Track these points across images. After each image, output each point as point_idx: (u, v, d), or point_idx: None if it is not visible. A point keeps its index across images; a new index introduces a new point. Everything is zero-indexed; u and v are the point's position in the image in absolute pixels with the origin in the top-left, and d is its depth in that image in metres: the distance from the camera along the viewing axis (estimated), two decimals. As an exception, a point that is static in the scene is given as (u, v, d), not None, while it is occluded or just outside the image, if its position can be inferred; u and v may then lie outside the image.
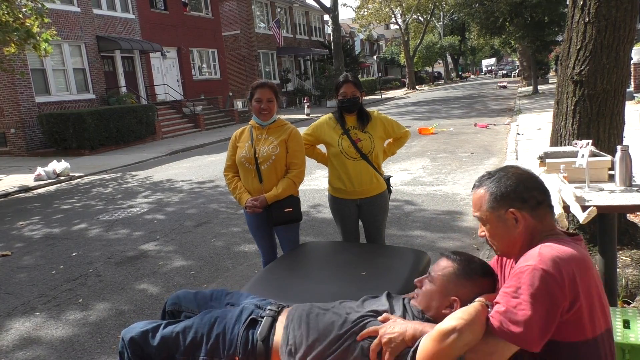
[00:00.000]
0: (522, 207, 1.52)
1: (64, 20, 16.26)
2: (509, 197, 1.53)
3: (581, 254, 1.45)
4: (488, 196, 1.57)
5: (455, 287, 1.70)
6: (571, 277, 1.38)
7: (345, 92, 3.08)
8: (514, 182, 1.54)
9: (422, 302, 1.77)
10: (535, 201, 1.53)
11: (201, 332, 1.85)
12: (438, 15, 49.48)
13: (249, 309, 1.93)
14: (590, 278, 1.44)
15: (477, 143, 10.66)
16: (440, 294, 1.71)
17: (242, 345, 1.80)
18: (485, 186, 1.60)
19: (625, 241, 3.58)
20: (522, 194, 1.52)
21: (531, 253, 1.45)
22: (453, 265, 1.74)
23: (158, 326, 1.92)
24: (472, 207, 1.66)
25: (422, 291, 1.78)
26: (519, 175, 1.56)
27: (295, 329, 1.78)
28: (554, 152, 2.91)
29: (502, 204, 1.54)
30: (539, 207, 1.53)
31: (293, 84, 32.50)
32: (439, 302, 1.71)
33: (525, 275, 1.40)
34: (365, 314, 1.77)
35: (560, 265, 1.39)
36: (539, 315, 1.37)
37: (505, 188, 1.54)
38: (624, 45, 3.27)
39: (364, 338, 1.67)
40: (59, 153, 14.39)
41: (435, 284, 1.74)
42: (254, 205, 2.98)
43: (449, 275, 1.73)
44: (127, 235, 5.99)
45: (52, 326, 3.68)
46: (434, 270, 1.78)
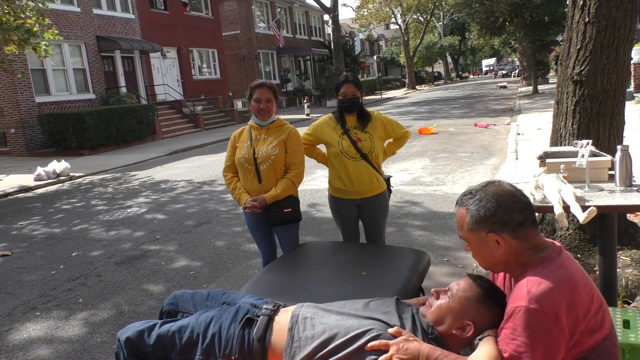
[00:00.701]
0: (502, 230, 1.50)
1: (64, 20, 16.26)
2: (488, 220, 1.51)
3: (567, 274, 1.45)
4: (468, 218, 1.55)
5: (473, 312, 1.67)
6: (564, 307, 1.39)
7: (346, 92, 3.08)
8: (493, 205, 1.50)
9: (434, 315, 1.74)
10: (515, 223, 1.50)
11: (197, 331, 1.85)
12: (438, 15, 49.47)
13: (245, 308, 1.92)
14: (581, 295, 1.44)
15: (477, 143, 10.66)
16: (457, 314, 1.68)
17: (238, 345, 1.80)
18: (465, 206, 1.57)
19: (625, 241, 3.58)
20: (502, 217, 1.49)
21: (520, 291, 1.45)
22: (478, 290, 1.70)
23: (154, 325, 1.92)
24: (457, 224, 1.64)
25: (438, 305, 1.74)
26: (499, 197, 1.51)
27: (300, 331, 1.77)
28: (554, 152, 2.91)
29: (482, 227, 1.52)
30: (520, 228, 1.50)
31: (293, 84, 32.50)
32: (452, 321, 1.68)
33: (518, 317, 1.41)
34: (375, 321, 1.73)
35: (551, 299, 1.39)
36: (540, 355, 1.38)
37: (485, 211, 1.51)
38: (624, 45, 3.27)
39: (373, 349, 1.64)
40: (59, 153, 14.39)
41: (454, 303, 1.70)
42: (253, 206, 2.98)
43: (471, 298, 1.69)
44: (127, 235, 5.99)
45: (52, 326, 3.68)
46: (456, 288, 1.73)
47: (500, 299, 1.70)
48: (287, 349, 1.75)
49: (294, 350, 1.74)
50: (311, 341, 1.73)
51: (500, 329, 1.49)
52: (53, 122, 14.69)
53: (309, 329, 1.76)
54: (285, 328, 1.81)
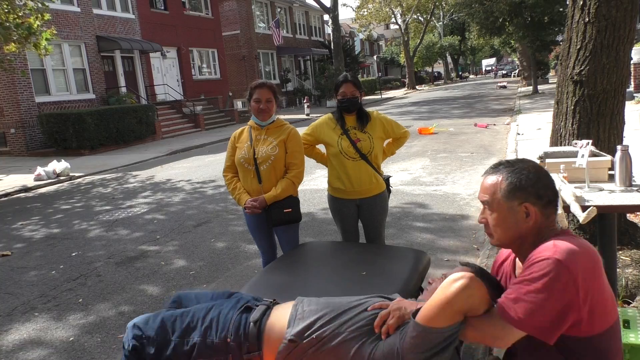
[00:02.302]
0: (536, 202, 1.52)
1: (64, 20, 16.26)
2: (527, 190, 1.52)
3: (593, 250, 1.46)
4: (506, 185, 1.55)
5: None
6: (586, 270, 1.39)
7: (345, 91, 3.08)
8: (534, 176, 1.53)
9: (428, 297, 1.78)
10: (547, 199, 1.53)
11: (197, 316, 1.91)
12: (438, 15, 49.47)
13: (246, 298, 2.00)
14: (602, 273, 1.45)
15: (477, 143, 10.66)
16: None
17: (234, 328, 1.84)
18: (502, 174, 1.57)
19: (625, 241, 3.58)
20: (540, 190, 1.52)
21: (546, 245, 1.45)
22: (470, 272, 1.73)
23: (160, 312, 2.00)
24: (481, 190, 1.61)
25: (432, 287, 1.79)
26: (539, 171, 1.55)
27: (305, 305, 1.85)
28: (554, 152, 2.91)
29: (519, 196, 1.53)
30: (549, 206, 1.54)
31: (293, 84, 32.49)
32: None
33: (540, 265, 1.39)
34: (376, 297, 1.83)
35: (577, 259, 1.39)
36: (552, 305, 1.36)
37: (526, 181, 1.52)
38: (624, 45, 3.27)
39: (374, 309, 1.73)
40: (59, 153, 14.40)
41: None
42: (253, 206, 2.98)
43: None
44: (127, 235, 5.99)
45: (52, 326, 3.68)
46: (435, 285, 1.77)
47: (491, 279, 1.72)
48: (291, 321, 1.81)
49: (297, 322, 1.79)
50: (315, 314, 1.79)
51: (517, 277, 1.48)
52: (53, 122, 14.69)
53: (314, 304, 1.84)
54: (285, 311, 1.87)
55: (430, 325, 1.47)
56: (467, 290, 1.43)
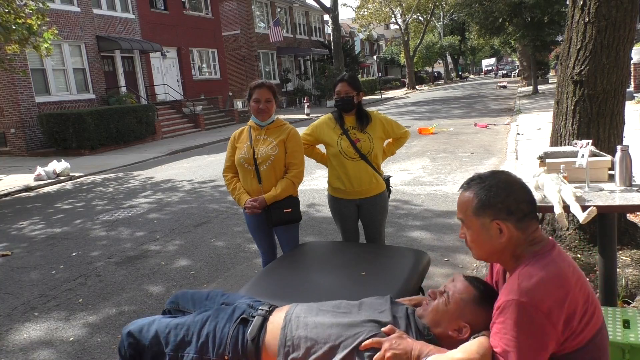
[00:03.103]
0: (508, 218, 1.49)
1: (64, 20, 16.26)
2: (497, 207, 1.50)
3: (558, 269, 1.44)
4: (476, 202, 1.53)
5: (470, 314, 1.66)
6: (556, 300, 1.39)
7: (340, 91, 3.08)
8: (504, 192, 1.50)
9: (430, 317, 1.73)
10: (521, 213, 1.49)
11: (192, 330, 1.87)
12: (438, 15, 49.47)
13: (241, 308, 1.93)
14: (574, 290, 1.43)
15: (477, 143, 10.66)
16: (453, 316, 1.67)
17: (232, 345, 1.80)
18: (473, 190, 1.55)
19: (625, 241, 3.58)
20: (510, 205, 1.49)
21: (511, 285, 1.44)
22: (475, 292, 1.69)
23: (154, 320, 1.95)
24: (457, 207, 1.61)
25: (434, 306, 1.73)
26: (510, 186, 1.52)
27: (293, 329, 1.77)
28: (554, 152, 2.91)
29: (488, 213, 1.51)
30: (524, 219, 1.50)
31: (293, 84, 32.49)
32: (449, 323, 1.68)
33: (509, 311, 1.40)
34: (369, 321, 1.73)
35: (543, 292, 1.39)
36: (531, 347, 1.38)
37: (495, 197, 1.50)
38: (624, 45, 3.27)
39: (366, 348, 1.64)
40: (59, 153, 14.40)
41: (451, 305, 1.70)
42: (253, 206, 2.98)
43: (468, 300, 1.68)
44: (127, 235, 5.99)
45: (52, 326, 3.68)
46: (452, 290, 1.72)
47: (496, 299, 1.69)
48: (281, 348, 1.76)
49: (287, 349, 1.74)
50: (305, 342, 1.73)
51: (492, 323, 1.48)
52: (53, 122, 14.70)
53: (302, 329, 1.76)
54: (279, 328, 1.81)
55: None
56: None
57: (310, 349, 1.71)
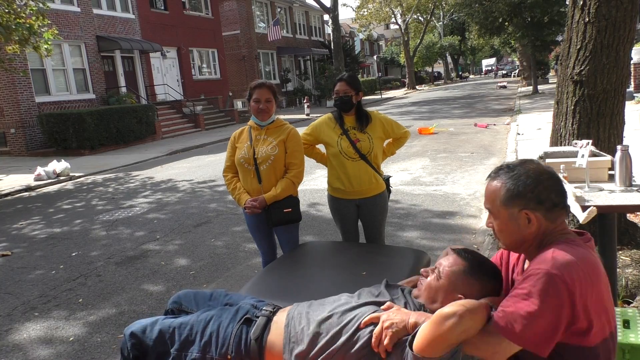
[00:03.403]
0: (537, 208, 1.47)
1: (64, 20, 16.26)
2: (526, 197, 1.47)
3: (593, 260, 1.42)
4: (504, 192, 1.50)
5: (462, 285, 1.67)
6: (583, 284, 1.36)
7: (339, 90, 3.09)
8: (533, 181, 1.47)
9: (425, 295, 1.75)
10: (551, 203, 1.47)
11: (196, 329, 1.87)
12: (438, 15, 49.47)
13: (245, 308, 1.94)
14: (601, 284, 1.42)
15: (477, 143, 10.66)
16: (447, 290, 1.69)
17: (235, 344, 1.80)
18: (502, 180, 1.52)
19: (625, 241, 3.58)
20: (540, 195, 1.46)
21: (544, 256, 1.42)
22: (464, 263, 1.71)
23: (157, 320, 1.95)
24: (485, 197, 1.58)
25: (427, 283, 1.76)
26: (539, 175, 1.48)
27: (296, 325, 1.78)
28: (554, 152, 2.91)
29: (517, 203, 1.48)
30: (554, 209, 1.48)
31: (293, 84, 32.49)
32: (443, 297, 1.68)
33: (537, 278, 1.37)
34: (367, 303, 1.76)
35: (573, 271, 1.36)
36: (547, 319, 1.35)
37: (524, 187, 1.47)
38: (624, 45, 3.27)
39: (367, 325, 1.66)
40: (59, 153, 14.40)
41: (442, 279, 1.71)
42: (253, 206, 2.98)
43: (458, 272, 1.70)
44: (127, 235, 5.99)
45: (52, 326, 3.68)
46: (443, 265, 1.75)
47: (488, 268, 1.71)
48: (286, 345, 1.76)
49: (292, 346, 1.75)
50: (308, 334, 1.73)
51: (512, 289, 1.45)
52: (53, 122, 14.70)
53: (304, 322, 1.77)
54: (283, 327, 1.82)
55: (428, 356, 1.44)
56: (459, 326, 1.40)
57: (314, 340, 1.71)
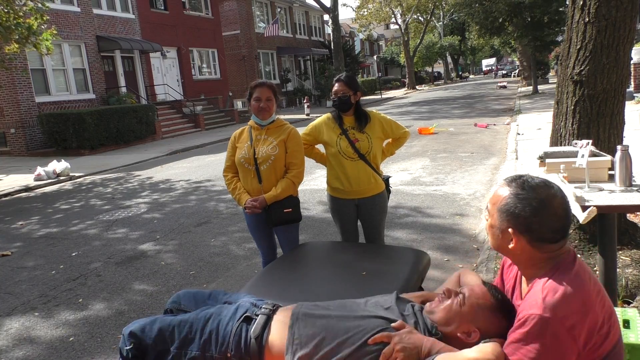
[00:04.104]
0: (523, 233, 1.48)
1: (64, 20, 16.26)
2: (517, 220, 1.48)
3: (582, 284, 1.43)
4: (503, 204, 1.52)
5: (483, 320, 1.65)
6: (579, 316, 1.37)
7: (337, 90, 3.09)
8: (531, 211, 1.46)
9: (441, 315, 1.71)
10: (539, 236, 1.47)
11: (195, 327, 1.87)
12: (438, 15, 49.47)
13: (245, 306, 1.93)
14: (595, 308, 1.42)
15: (477, 143, 10.66)
16: (466, 319, 1.66)
17: (235, 343, 1.80)
18: (510, 191, 1.52)
19: (625, 241, 3.58)
20: (531, 225, 1.46)
21: (535, 295, 1.43)
22: (492, 300, 1.68)
23: (156, 319, 1.94)
24: (491, 195, 1.60)
25: (447, 305, 1.71)
26: (542, 208, 1.46)
27: (301, 327, 1.77)
28: (554, 152, 2.91)
29: (509, 220, 1.50)
30: (541, 242, 1.48)
31: (293, 84, 32.49)
32: (459, 324, 1.67)
33: (532, 325, 1.39)
34: (376, 317, 1.73)
35: (566, 309, 1.37)
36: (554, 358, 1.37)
37: (520, 211, 1.47)
38: (624, 45, 3.27)
39: (375, 342, 1.64)
40: (59, 153, 14.40)
41: (465, 307, 1.68)
42: (253, 206, 2.98)
43: (484, 307, 1.67)
44: (127, 235, 5.99)
45: (52, 326, 3.68)
46: (469, 294, 1.71)
47: (510, 310, 1.67)
48: (289, 346, 1.75)
49: (295, 348, 1.73)
50: (312, 339, 1.72)
51: (510, 334, 1.47)
52: (53, 122, 14.70)
53: (310, 327, 1.76)
54: (284, 327, 1.81)
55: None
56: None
57: (318, 346, 1.70)
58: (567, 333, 1.36)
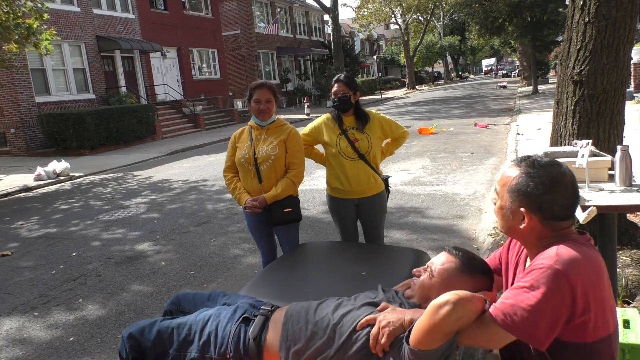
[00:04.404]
0: (536, 213, 1.48)
1: (64, 20, 16.26)
2: (530, 198, 1.48)
3: (597, 258, 1.44)
4: (514, 183, 1.51)
5: (455, 282, 1.70)
6: (585, 280, 1.37)
7: (336, 91, 3.09)
8: (543, 188, 1.46)
9: (418, 294, 1.78)
10: (551, 214, 1.47)
11: (194, 329, 1.87)
12: (438, 15, 49.48)
13: (243, 307, 1.94)
14: (604, 283, 1.42)
15: (477, 143, 10.66)
16: (440, 287, 1.70)
17: (234, 344, 1.81)
18: (519, 172, 1.52)
19: (625, 241, 3.58)
20: (543, 204, 1.46)
21: (548, 252, 1.43)
22: (455, 260, 1.75)
23: (155, 322, 1.95)
24: (500, 177, 1.59)
25: (420, 282, 1.79)
26: (554, 185, 1.47)
27: (294, 324, 1.79)
28: (554, 152, 2.91)
29: (521, 199, 1.50)
30: (553, 220, 1.48)
31: (293, 84, 32.49)
32: (436, 295, 1.66)
33: (540, 272, 1.38)
34: (363, 304, 1.78)
35: (577, 267, 1.37)
36: (548, 314, 1.36)
37: (532, 189, 1.47)
38: (624, 45, 3.27)
39: (363, 327, 1.68)
40: (59, 153, 14.40)
41: (435, 277, 1.75)
42: (253, 206, 2.98)
43: (450, 270, 1.73)
44: (127, 235, 5.99)
45: (52, 326, 3.68)
46: (435, 263, 1.78)
47: (479, 264, 1.75)
48: (282, 343, 1.77)
49: (288, 344, 1.75)
50: (305, 334, 1.74)
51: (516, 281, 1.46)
52: (53, 122, 14.70)
53: (302, 322, 1.78)
54: (280, 326, 1.82)
55: (424, 348, 1.46)
56: (453, 314, 1.41)
57: (311, 340, 1.73)
58: (569, 291, 1.36)
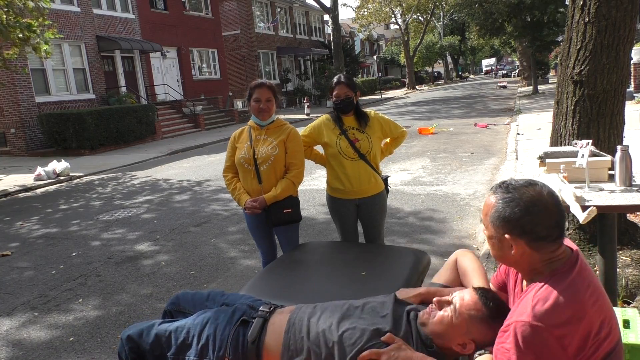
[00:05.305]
0: (520, 236, 1.45)
1: (64, 20, 16.25)
2: (510, 223, 1.45)
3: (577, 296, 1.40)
4: (493, 211, 1.50)
5: (476, 331, 1.64)
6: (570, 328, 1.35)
7: (339, 93, 3.09)
8: (521, 210, 1.43)
9: (434, 328, 1.69)
10: (535, 236, 1.44)
11: (193, 332, 1.86)
12: (438, 15, 49.48)
13: (242, 309, 1.93)
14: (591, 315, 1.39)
15: (477, 143, 10.66)
16: (460, 331, 1.64)
17: (232, 347, 1.80)
18: (497, 197, 1.50)
19: (625, 241, 3.58)
20: (524, 226, 1.44)
21: (524, 306, 1.41)
22: (484, 310, 1.65)
23: (153, 324, 1.94)
24: (483, 207, 1.58)
25: (439, 318, 1.69)
26: (532, 205, 1.44)
27: (297, 333, 1.77)
28: (554, 152, 2.91)
29: (502, 226, 1.48)
30: (539, 241, 1.45)
31: (293, 84, 32.48)
32: (453, 336, 1.65)
33: (520, 333, 1.36)
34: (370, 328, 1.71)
35: (556, 316, 1.35)
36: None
37: (510, 214, 1.45)
38: (624, 45, 3.27)
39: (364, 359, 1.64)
40: (59, 153, 14.40)
41: (457, 320, 1.65)
42: (253, 206, 2.98)
43: (476, 318, 1.64)
44: (127, 235, 5.99)
45: (52, 326, 3.68)
46: (460, 304, 1.67)
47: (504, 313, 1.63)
48: (284, 352, 1.75)
49: (290, 354, 1.74)
50: (307, 346, 1.73)
51: (498, 343, 1.44)
52: (53, 122, 14.69)
53: (305, 332, 1.76)
54: (281, 330, 1.81)
55: None
56: None
57: (312, 354, 1.71)
58: (556, 342, 1.34)
